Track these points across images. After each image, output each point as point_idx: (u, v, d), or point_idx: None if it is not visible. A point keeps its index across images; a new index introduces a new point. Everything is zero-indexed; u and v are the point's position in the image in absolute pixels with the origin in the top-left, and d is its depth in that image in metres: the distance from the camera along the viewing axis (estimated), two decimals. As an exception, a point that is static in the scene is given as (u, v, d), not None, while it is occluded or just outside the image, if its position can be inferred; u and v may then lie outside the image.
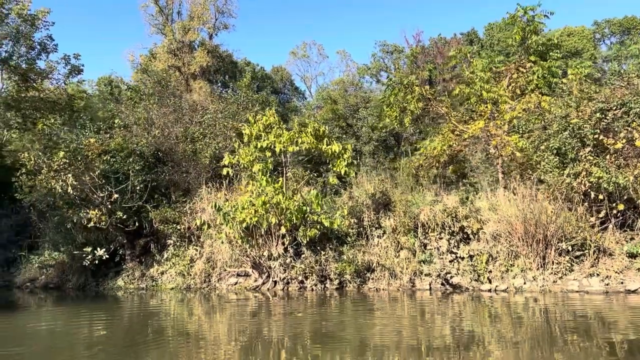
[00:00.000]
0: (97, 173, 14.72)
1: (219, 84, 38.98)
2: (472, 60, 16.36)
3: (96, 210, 14.56)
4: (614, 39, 43.51)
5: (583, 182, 12.80)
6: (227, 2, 38.77)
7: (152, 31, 37.99)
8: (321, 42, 76.42)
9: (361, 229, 14.65)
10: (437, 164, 16.73)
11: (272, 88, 41.42)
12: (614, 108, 12.95)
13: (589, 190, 12.87)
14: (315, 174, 17.12)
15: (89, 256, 14.96)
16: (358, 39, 77.57)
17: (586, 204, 13.05)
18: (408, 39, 38.30)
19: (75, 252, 15.45)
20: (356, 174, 15.68)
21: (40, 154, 14.47)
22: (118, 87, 36.41)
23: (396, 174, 19.27)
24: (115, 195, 14.76)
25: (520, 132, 14.91)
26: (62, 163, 13.96)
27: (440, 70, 30.01)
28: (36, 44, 21.00)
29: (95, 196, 14.81)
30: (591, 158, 12.88)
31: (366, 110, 29.35)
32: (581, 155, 12.96)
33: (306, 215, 13.68)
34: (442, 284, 13.21)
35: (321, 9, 78.29)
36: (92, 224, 14.66)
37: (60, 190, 14.06)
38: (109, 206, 14.88)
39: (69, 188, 13.98)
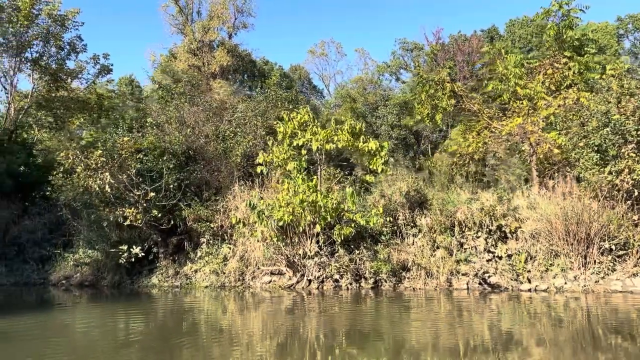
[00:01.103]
0: (133, 172, 14.83)
1: (238, 83, 39.08)
2: (506, 56, 16.11)
3: (132, 209, 14.67)
4: (637, 35, 42.59)
5: (626, 179, 12.55)
6: (247, 1, 38.81)
7: (173, 31, 38.21)
8: (339, 40, 76.13)
9: (395, 227, 14.55)
10: (470, 162, 16.54)
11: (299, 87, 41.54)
12: (658, 104, 12.67)
13: (632, 187, 12.61)
14: (347, 172, 17.03)
15: (125, 254, 15.08)
16: (377, 37, 77.02)
17: (629, 202, 12.78)
18: (428, 37, 37.94)
19: (110, 250, 15.58)
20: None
21: (78, 152, 14.60)
22: (139, 87, 36.82)
23: (423, 172, 19.08)
24: (152, 194, 14.86)
25: (558, 128, 14.65)
26: (99, 162, 14.09)
27: (460, 68, 29.73)
28: (65, 44, 21.26)
29: (130, 194, 14.93)
30: (634, 155, 12.61)
31: (385, 108, 29.21)
32: (623, 152, 12.71)
33: (341, 214, 13.63)
34: (480, 284, 13.05)
35: (339, 8, 78.11)
36: (128, 222, 14.78)
37: (97, 189, 14.19)
38: (144, 204, 14.98)
39: (106, 186, 14.10)
